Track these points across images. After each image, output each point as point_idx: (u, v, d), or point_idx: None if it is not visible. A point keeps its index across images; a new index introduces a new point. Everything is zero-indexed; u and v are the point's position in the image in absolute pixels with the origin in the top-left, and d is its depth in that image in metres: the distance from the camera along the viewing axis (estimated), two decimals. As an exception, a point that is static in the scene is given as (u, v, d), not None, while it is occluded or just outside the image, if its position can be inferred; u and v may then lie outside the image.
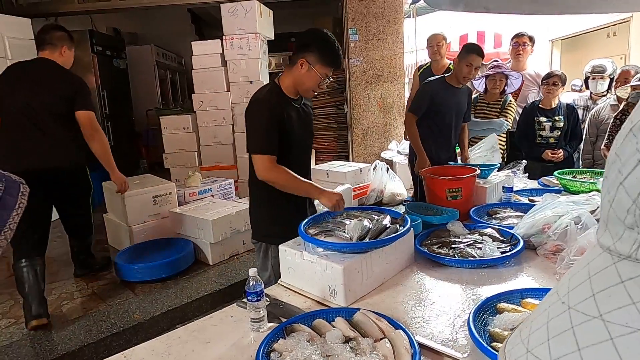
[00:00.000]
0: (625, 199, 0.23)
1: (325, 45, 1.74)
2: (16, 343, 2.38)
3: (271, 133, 1.73)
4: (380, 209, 1.78)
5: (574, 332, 0.22)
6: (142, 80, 7.07)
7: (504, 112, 3.42)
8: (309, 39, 1.77)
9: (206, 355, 1.16)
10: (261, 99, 1.77)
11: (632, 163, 0.23)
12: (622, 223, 0.24)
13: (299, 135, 1.85)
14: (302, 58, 1.74)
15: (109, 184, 3.70)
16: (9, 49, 4.16)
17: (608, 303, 0.22)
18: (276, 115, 1.74)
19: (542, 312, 0.25)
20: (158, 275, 2.98)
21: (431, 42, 4.05)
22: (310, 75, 1.75)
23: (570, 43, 7.23)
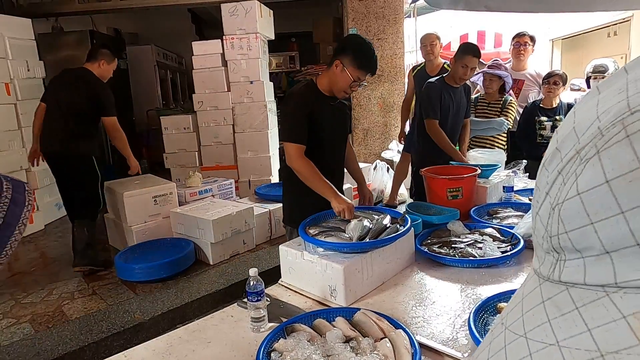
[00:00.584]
0: (540, 227, 0.26)
1: (359, 49, 1.87)
2: (17, 343, 2.38)
3: (301, 124, 1.87)
4: (381, 209, 1.78)
5: (505, 351, 0.25)
6: (142, 81, 7.07)
7: (505, 112, 3.42)
8: (346, 43, 1.95)
9: (207, 355, 1.16)
10: (295, 93, 1.95)
11: (543, 195, 0.26)
12: (541, 248, 0.27)
13: (331, 131, 1.98)
14: (337, 59, 1.86)
15: (110, 184, 3.70)
16: (9, 49, 4.16)
17: (530, 322, 0.25)
18: (306, 108, 1.88)
19: (489, 334, 0.28)
20: (158, 275, 2.98)
21: (424, 42, 4.01)
22: (343, 76, 1.86)
23: (571, 42, 7.22)
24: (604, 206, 0.22)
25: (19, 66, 4.26)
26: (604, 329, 0.21)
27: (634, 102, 0.23)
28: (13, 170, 4.08)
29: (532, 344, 0.24)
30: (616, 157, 0.22)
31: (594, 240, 0.23)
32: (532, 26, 4.37)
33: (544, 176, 0.26)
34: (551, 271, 0.26)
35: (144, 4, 5.54)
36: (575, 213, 0.23)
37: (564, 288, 0.25)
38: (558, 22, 6.70)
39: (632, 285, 0.22)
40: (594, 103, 0.25)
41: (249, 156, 4.73)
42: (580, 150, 0.24)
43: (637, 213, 0.21)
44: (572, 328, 0.23)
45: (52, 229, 4.46)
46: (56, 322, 2.58)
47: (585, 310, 0.23)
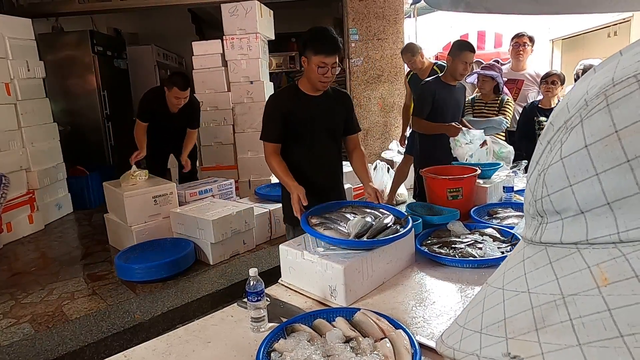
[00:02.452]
0: (528, 193, 0.29)
1: (311, 38, 1.93)
2: (17, 343, 2.38)
3: (274, 123, 1.96)
4: (388, 207, 1.77)
5: (483, 302, 0.29)
6: (142, 81, 7.06)
7: (502, 111, 3.44)
8: (302, 40, 1.97)
9: (207, 355, 1.16)
10: (272, 95, 2.06)
11: (534, 164, 0.29)
12: (529, 214, 0.29)
13: (315, 126, 2.02)
14: (303, 57, 1.95)
15: (109, 184, 3.71)
16: (9, 49, 4.16)
17: (509, 277, 0.28)
18: (281, 107, 1.96)
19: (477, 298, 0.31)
20: (159, 275, 2.98)
21: (404, 60, 4.16)
22: (310, 68, 1.93)
23: (571, 43, 7.22)
24: (582, 169, 0.24)
25: (19, 66, 4.26)
26: (570, 277, 0.24)
27: (618, 76, 0.25)
28: (13, 170, 4.08)
29: (507, 293, 0.27)
30: (595, 123, 0.24)
31: (571, 201, 0.25)
32: (532, 27, 4.37)
33: (538, 149, 0.29)
34: (534, 234, 0.28)
35: (144, 4, 5.54)
36: (557, 177, 0.26)
37: (543, 248, 0.27)
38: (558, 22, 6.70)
39: (600, 241, 0.24)
40: (587, 82, 0.27)
41: (249, 156, 4.73)
42: (568, 120, 0.26)
43: (609, 174, 0.23)
44: (543, 278, 0.26)
45: (52, 229, 4.46)
46: (56, 322, 2.58)
47: (557, 264, 0.26)
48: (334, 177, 2.20)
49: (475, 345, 0.27)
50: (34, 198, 4.30)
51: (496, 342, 0.25)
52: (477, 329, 0.27)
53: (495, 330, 0.26)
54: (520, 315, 0.25)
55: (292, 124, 1.98)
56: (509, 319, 0.26)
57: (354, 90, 5.40)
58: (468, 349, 0.27)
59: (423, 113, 3.01)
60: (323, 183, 2.13)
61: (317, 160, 2.08)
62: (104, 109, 5.86)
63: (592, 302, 0.23)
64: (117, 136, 6.10)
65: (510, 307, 0.26)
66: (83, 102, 5.76)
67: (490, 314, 0.27)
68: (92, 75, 5.73)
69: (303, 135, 2.02)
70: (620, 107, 0.23)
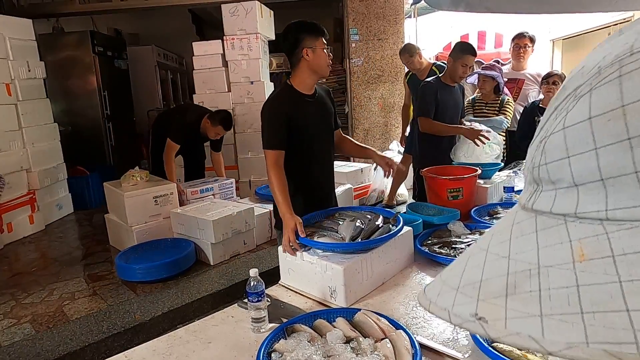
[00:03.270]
0: (528, 159, 0.29)
1: (303, 28, 1.90)
2: (18, 343, 2.38)
3: (278, 129, 1.87)
4: (374, 209, 1.77)
5: (467, 260, 0.29)
6: (143, 81, 7.07)
7: (502, 111, 3.44)
8: (292, 34, 1.91)
9: (207, 355, 1.16)
10: (270, 99, 1.95)
11: (538, 130, 0.29)
12: (526, 180, 0.30)
13: (314, 128, 1.97)
14: (302, 49, 1.88)
15: (110, 184, 3.71)
16: (10, 49, 4.17)
17: (495, 239, 0.29)
18: (283, 112, 1.87)
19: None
20: (159, 275, 2.98)
21: (403, 60, 4.12)
22: (317, 54, 1.89)
23: (572, 43, 7.21)
24: (582, 142, 0.24)
25: (19, 67, 4.26)
26: (551, 248, 0.25)
27: (637, 45, 0.23)
28: (14, 170, 4.08)
29: (489, 256, 0.28)
30: (603, 95, 0.23)
31: (566, 173, 0.25)
32: (532, 26, 4.37)
33: (546, 113, 0.29)
34: (527, 200, 0.29)
35: (145, 5, 5.55)
36: (557, 147, 0.25)
37: (533, 215, 0.27)
38: (559, 22, 6.69)
39: (588, 216, 0.24)
40: (610, 44, 0.26)
41: (249, 156, 4.73)
42: (578, 87, 0.26)
43: (608, 150, 0.22)
44: (526, 246, 0.26)
45: (52, 229, 4.46)
46: (57, 323, 2.58)
47: (543, 233, 0.26)
48: (331, 177, 2.19)
49: (449, 302, 0.27)
50: (34, 198, 4.30)
51: (468, 302, 0.26)
52: (454, 287, 0.28)
53: (470, 291, 0.26)
54: (495, 280, 0.26)
55: (295, 128, 1.91)
56: (485, 282, 0.26)
57: (354, 90, 5.40)
58: (442, 304, 0.28)
59: (430, 113, 2.98)
60: (324, 185, 2.12)
61: (318, 161, 2.05)
62: (104, 109, 5.86)
63: (564, 275, 0.23)
64: (118, 136, 6.11)
65: (489, 270, 0.27)
66: (83, 103, 5.76)
67: (470, 274, 0.28)
68: (93, 75, 5.73)
69: (305, 138, 1.95)
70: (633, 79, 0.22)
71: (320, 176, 2.07)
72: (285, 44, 1.95)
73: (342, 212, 1.77)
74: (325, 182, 2.13)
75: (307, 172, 2.02)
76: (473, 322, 0.24)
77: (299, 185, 1.98)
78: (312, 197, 2.01)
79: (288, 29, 1.94)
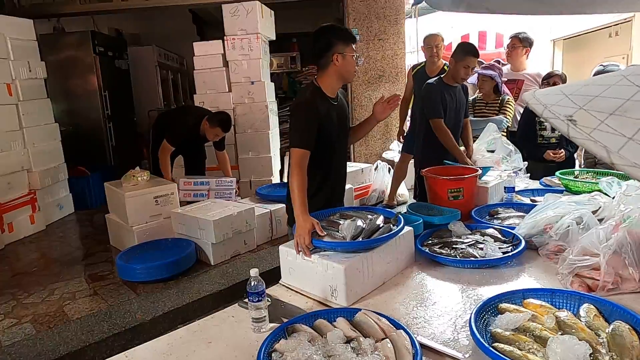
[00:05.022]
0: None
1: (337, 33, 1.93)
2: (19, 343, 2.38)
3: (310, 130, 1.88)
4: (373, 209, 1.78)
5: (599, 79, 0.28)
6: (143, 81, 7.07)
7: (502, 110, 3.45)
8: (324, 38, 1.93)
9: (208, 355, 1.16)
10: (305, 100, 1.95)
11: None
12: None
13: (337, 132, 2.02)
14: (332, 54, 1.89)
15: (110, 184, 3.71)
16: (11, 49, 4.17)
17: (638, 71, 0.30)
18: (317, 115, 1.90)
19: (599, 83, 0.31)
20: (160, 275, 2.98)
21: (429, 43, 3.96)
22: (347, 61, 1.91)
23: (572, 43, 7.21)
24: None
25: (20, 67, 4.26)
26: None
27: None
28: (14, 170, 4.08)
29: (623, 81, 0.30)
30: None
31: None
32: (533, 27, 4.37)
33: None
34: None
35: (145, 5, 5.55)
36: None
37: None
38: (559, 22, 6.69)
39: None
40: None
41: (250, 156, 4.73)
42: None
43: None
44: None
45: (53, 229, 4.47)
46: (57, 322, 2.58)
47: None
48: (345, 179, 2.24)
49: (552, 100, 0.27)
50: (35, 198, 4.31)
51: (569, 106, 0.26)
52: (567, 93, 0.28)
53: (579, 100, 0.27)
54: (611, 100, 0.26)
55: (322, 130, 1.92)
56: (599, 97, 0.26)
57: (355, 90, 5.40)
58: (543, 100, 0.28)
59: (440, 113, 2.96)
60: (340, 186, 2.17)
61: (339, 163, 2.11)
62: (105, 110, 5.87)
63: None
64: (118, 136, 6.11)
65: (614, 91, 0.27)
66: (84, 103, 5.76)
67: (590, 89, 0.28)
68: (94, 75, 5.73)
69: (329, 141, 1.98)
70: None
71: (337, 177, 2.12)
72: (316, 46, 1.95)
73: (343, 212, 1.78)
74: (341, 184, 2.18)
75: (328, 174, 2.06)
76: (561, 121, 0.25)
77: (320, 186, 2.02)
78: (330, 197, 2.06)
79: (321, 31, 1.96)
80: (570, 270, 1.38)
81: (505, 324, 1.12)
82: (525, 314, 1.14)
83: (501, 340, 1.08)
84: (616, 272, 1.32)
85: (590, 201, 1.74)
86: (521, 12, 4.09)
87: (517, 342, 1.05)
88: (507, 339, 1.07)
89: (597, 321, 1.11)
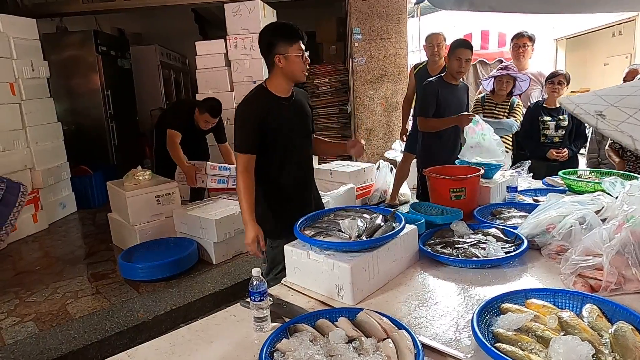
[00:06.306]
0: None
1: (277, 32, 1.86)
2: (21, 341, 2.39)
3: (250, 133, 1.85)
4: (369, 208, 1.77)
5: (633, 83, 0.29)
6: (146, 80, 7.08)
7: (512, 113, 3.41)
8: (265, 41, 1.87)
9: (210, 354, 1.16)
10: (243, 102, 1.92)
11: None
12: None
13: (290, 131, 1.94)
14: (275, 56, 1.84)
15: (112, 183, 3.72)
16: (14, 49, 4.18)
17: None
18: (257, 116, 1.85)
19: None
20: (162, 274, 2.99)
21: (431, 42, 3.96)
22: (291, 61, 1.84)
23: (575, 42, 7.18)
24: None
25: (23, 66, 4.28)
26: None
27: None
28: (17, 169, 4.09)
29: None
30: None
31: None
32: (535, 26, 4.36)
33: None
34: None
35: (148, 4, 5.55)
36: None
37: None
38: (562, 21, 6.66)
39: None
40: None
41: (252, 156, 4.73)
42: None
43: None
44: None
45: (56, 228, 4.48)
46: (60, 321, 2.60)
47: None
48: (310, 180, 2.16)
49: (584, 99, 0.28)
50: (38, 197, 4.32)
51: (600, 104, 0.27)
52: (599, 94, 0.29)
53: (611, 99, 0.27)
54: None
55: (269, 130, 1.87)
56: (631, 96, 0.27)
57: (357, 89, 5.39)
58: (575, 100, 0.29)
59: (428, 113, 3.01)
60: (302, 187, 2.09)
61: (295, 164, 2.01)
62: (107, 109, 5.88)
63: None
64: (121, 136, 6.12)
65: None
66: (87, 102, 5.78)
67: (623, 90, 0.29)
68: (96, 74, 5.75)
69: (279, 141, 1.92)
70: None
71: (297, 178, 2.04)
72: (260, 47, 1.91)
73: (338, 212, 1.76)
74: (303, 185, 2.10)
75: (283, 175, 1.99)
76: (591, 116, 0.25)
77: (274, 187, 1.98)
78: (289, 199, 2.01)
79: (262, 32, 1.91)
80: (573, 270, 1.38)
81: (507, 324, 1.12)
82: (528, 314, 1.14)
83: (503, 340, 1.07)
84: (619, 272, 1.31)
85: (593, 201, 1.74)
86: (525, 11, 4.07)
87: (519, 343, 1.05)
88: (509, 339, 1.07)
89: (600, 321, 1.11)
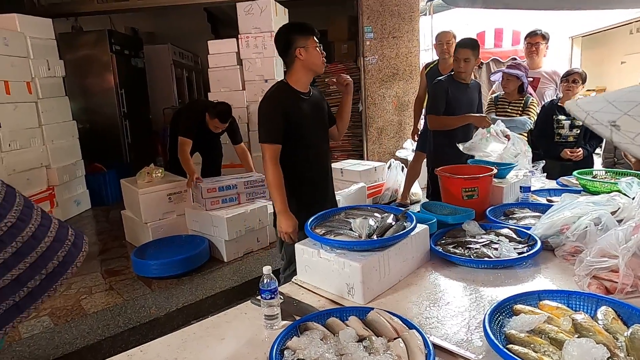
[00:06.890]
0: None
1: (294, 29, 1.98)
2: (37, 335, 2.44)
3: (275, 124, 1.92)
4: (380, 207, 1.76)
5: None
6: (159, 79, 7.15)
7: (526, 111, 3.37)
8: (283, 39, 1.98)
9: (221, 351, 1.17)
10: (267, 96, 1.99)
11: None
12: None
13: (310, 126, 2.02)
14: (295, 50, 1.95)
15: (126, 181, 3.76)
16: (31, 48, 4.26)
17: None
18: (280, 108, 1.93)
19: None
20: (174, 271, 3.02)
21: (440, 40, 3.94)
22: (311, 53, 1.95)
23: (591, 40, 7.05)
24: None
25: (39, 65, 4.35)
26: None
27: None
28: (33, 167, 4.17)
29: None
30: None
31: None
32: (550, 23, 4.29)
33: None
34: None
35: (161, 3, 5.60)
36: None
37: None
38: (578, 19, 6.55)
39: None
40: None
41: (263, 154, 4.74)
42: None
43: None
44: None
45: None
46: (75, 316, 2.64)
47: None
48: (328, 173, 2.23)
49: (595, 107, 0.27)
50: (53, 194, 4.40)
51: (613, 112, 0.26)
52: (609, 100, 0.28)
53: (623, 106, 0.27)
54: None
55: (293, 124, 1.95)
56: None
57: (368, 88, 5.37)
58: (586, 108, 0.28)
59: (439, 111, 3.00)
60: (321, 180, 2.16)
61: (316, 159, 2.10)
62: (121, 107, 5.95)
63: None
64: (134, 134, 6.19)
65: None
66: (101, 101, 5.86)
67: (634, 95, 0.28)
68: (110, 74, 5.82)
69: (301, 134, 1.99)
70: None
71: (317, 171, 2.12)
72: (278, 47, 2.02)
73: (349, 210, 1.76)
74: (322, 178, 2.17)
75: (304, 168, 2.06)
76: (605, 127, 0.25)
77: (296, 180, 2.03)
78: (309, 192, 2.08)
79: (279, 32, 2.02)
80: (588, 272, 1.35)
81: (520, 325, 1.11)
82: (541, 315, 1.13)
83: (516, 342, 1.06)
84: (635, 274, 1.29)
85: (609, 202, 1.71)
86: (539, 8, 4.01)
87: (532, 344, 1.03)
88: (521, 341, 1.05)
89: (615, 324, 1.09)
